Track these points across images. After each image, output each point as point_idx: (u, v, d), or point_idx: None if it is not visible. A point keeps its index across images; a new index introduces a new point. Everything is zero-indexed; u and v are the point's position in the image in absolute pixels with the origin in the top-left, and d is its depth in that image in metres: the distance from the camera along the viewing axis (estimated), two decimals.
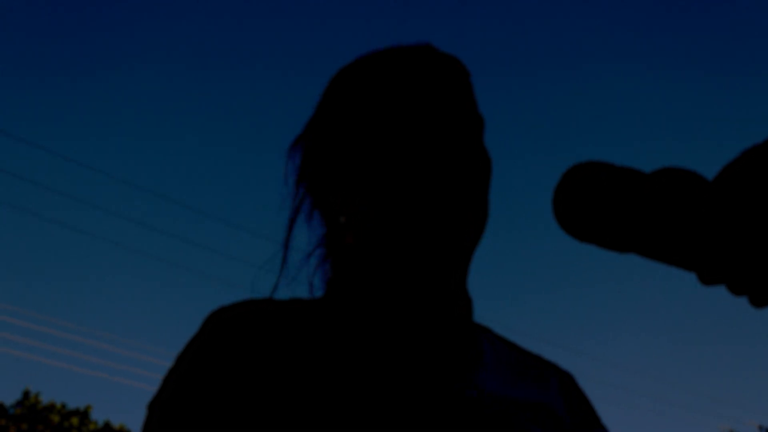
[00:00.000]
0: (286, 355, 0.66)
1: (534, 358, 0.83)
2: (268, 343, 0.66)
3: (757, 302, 0.49)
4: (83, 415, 24.63)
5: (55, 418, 23.80)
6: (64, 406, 24.45)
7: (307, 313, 0.71)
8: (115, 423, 25.50)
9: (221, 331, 0.68)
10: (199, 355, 0.67)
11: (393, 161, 0.73)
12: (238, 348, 0.66)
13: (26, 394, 24.15)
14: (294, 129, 0.88)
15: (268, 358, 0.65)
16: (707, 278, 0.49)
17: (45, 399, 24.75)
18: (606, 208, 0.51)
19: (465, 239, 0.73)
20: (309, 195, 0.83)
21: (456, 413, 0.65)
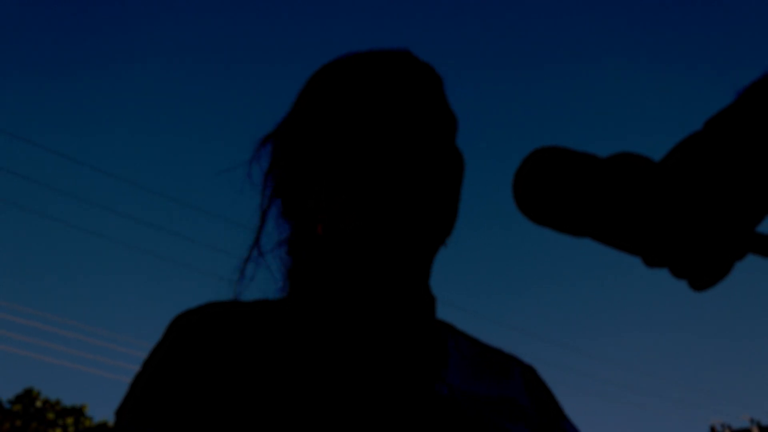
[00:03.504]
0: (256, 356, 0.66)
1: (496, 352, 0.84)
2: (236, 344, 0.67)
3: (697, 286, 0.51)
4: (78, 413, 24.62)
5: (50, 416, 23.78)
6: (59, 403, 24.43)
7: (274, 314, 0.72)
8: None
9: (187, 335, 0.68)
10: (165, 360, 0.67)
11: (366, 159, 0.74)
12: (204, 351, 0.66)
13: (28, 392, 24.12)
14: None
15: (236, 360, 0.65)
16: (650, 261, 0.52)
17: (44, 398, 24.70)
18: (561, 192, 0.53)
19: (432, 238, 0.75)
20: (279, 191, 0.83)
21: (430, 410, 0.66)
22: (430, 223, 0.73)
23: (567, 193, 0.53)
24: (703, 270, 0.50)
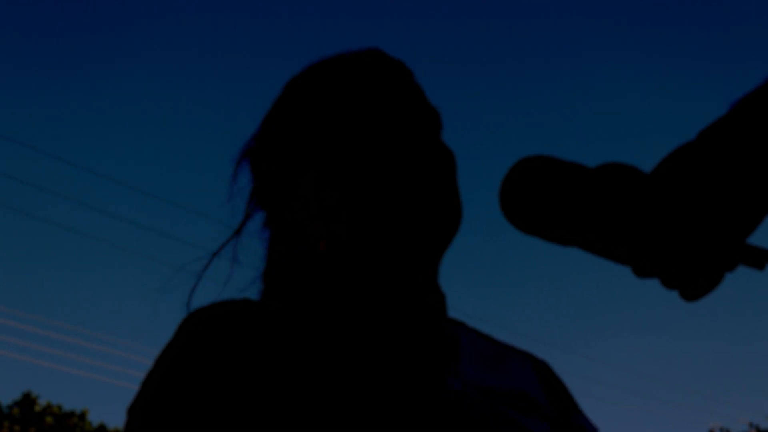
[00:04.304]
0: (269, 354, 0.65)
1: (509, 348, 0.83)
2: (247, 344, 0.66)
3: (687, 296, 0.51)
4: (80, 417, 24.62)
5: (49, 420, 23.76)
6: (60, 408, 24.41)
7: (285, 314, 0.72)
8: (113, 426, 25.47)
9: (199, 334, 0.67)
10: (178, 357, 0.66)
11: (358, 162, 0.74)
12: (216, 350, 0.66)
13: (26, 396, 24.12)
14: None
15: (248, 360, 0.65)
16: (641, 271, 0.51)
17: (44, 402, 24.69)
18: (549, 201, 0.53)
19: (438, 234, 0.74)
20: (263, 206, 0.82)
21: (442, 404, 0.66)
22: (431, 219, 0.73)
23: (554, 203, 0.53)
24: (694, 281, 0.50)
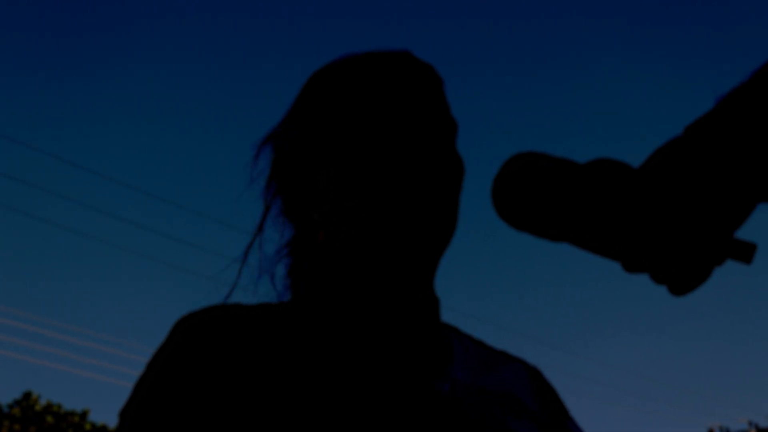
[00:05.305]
0: (258, 358, 0.66)
1: (501, 354, 0.84)
2: (239, 347, 0.67)
3: (676, 291, 0.50)
4: (81, 417, 24.64)
5: (49, 419, 23.77)
6: (60, 407, 24.42)
7: (278, 316, 0.72)
8: (113, 426, 25.46)
9: (191, 336, 0.68)
10: (170, 361, 0.66)
11: (370, 161, 0.74)
12: (208, 353, 0.66)
13: (27, 396, 24.12)
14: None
15: (239, 363, 0.65)
16: (630, 266, 0.51)
17: (45, 401, 24.69)
18: (539, 197, 0.53)
19: (437, 241, 0.75)
20: (280, 193, 0.83)
21: (431, 408, 0.66)
22: (431, 228, 0.74)
23: (545, 198, 0.53)
24: (682, 275, 0.50)
